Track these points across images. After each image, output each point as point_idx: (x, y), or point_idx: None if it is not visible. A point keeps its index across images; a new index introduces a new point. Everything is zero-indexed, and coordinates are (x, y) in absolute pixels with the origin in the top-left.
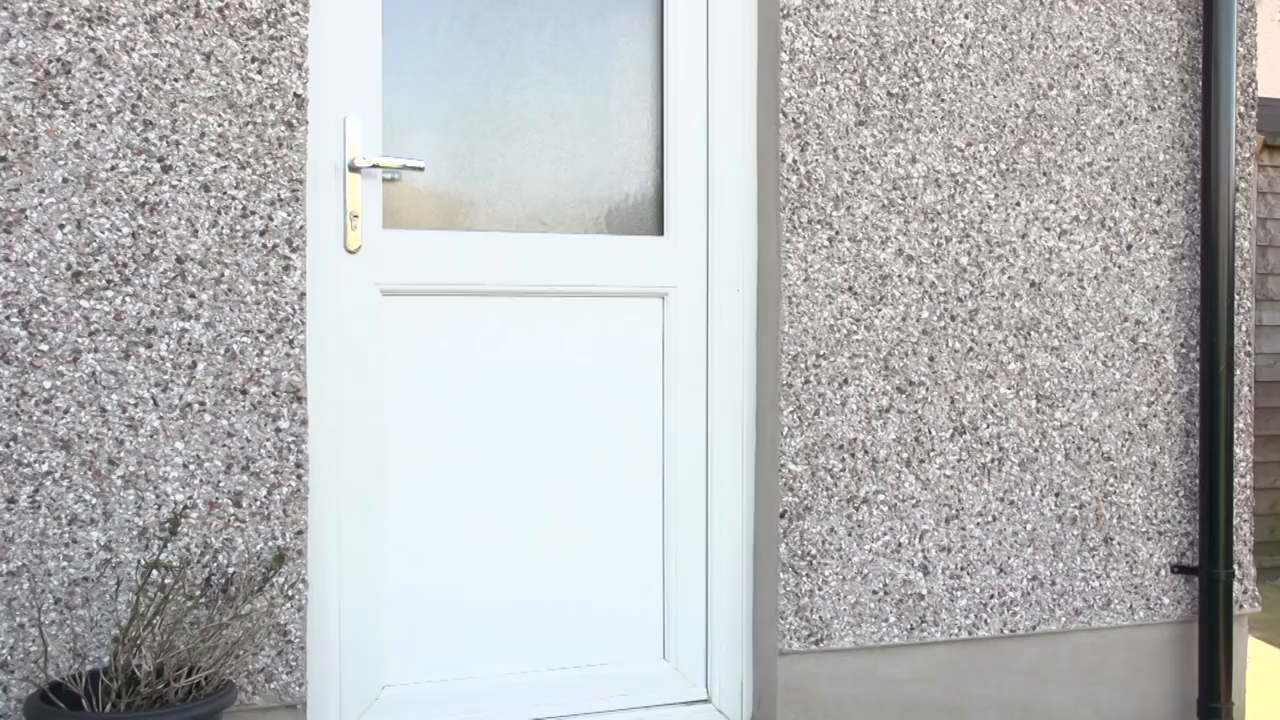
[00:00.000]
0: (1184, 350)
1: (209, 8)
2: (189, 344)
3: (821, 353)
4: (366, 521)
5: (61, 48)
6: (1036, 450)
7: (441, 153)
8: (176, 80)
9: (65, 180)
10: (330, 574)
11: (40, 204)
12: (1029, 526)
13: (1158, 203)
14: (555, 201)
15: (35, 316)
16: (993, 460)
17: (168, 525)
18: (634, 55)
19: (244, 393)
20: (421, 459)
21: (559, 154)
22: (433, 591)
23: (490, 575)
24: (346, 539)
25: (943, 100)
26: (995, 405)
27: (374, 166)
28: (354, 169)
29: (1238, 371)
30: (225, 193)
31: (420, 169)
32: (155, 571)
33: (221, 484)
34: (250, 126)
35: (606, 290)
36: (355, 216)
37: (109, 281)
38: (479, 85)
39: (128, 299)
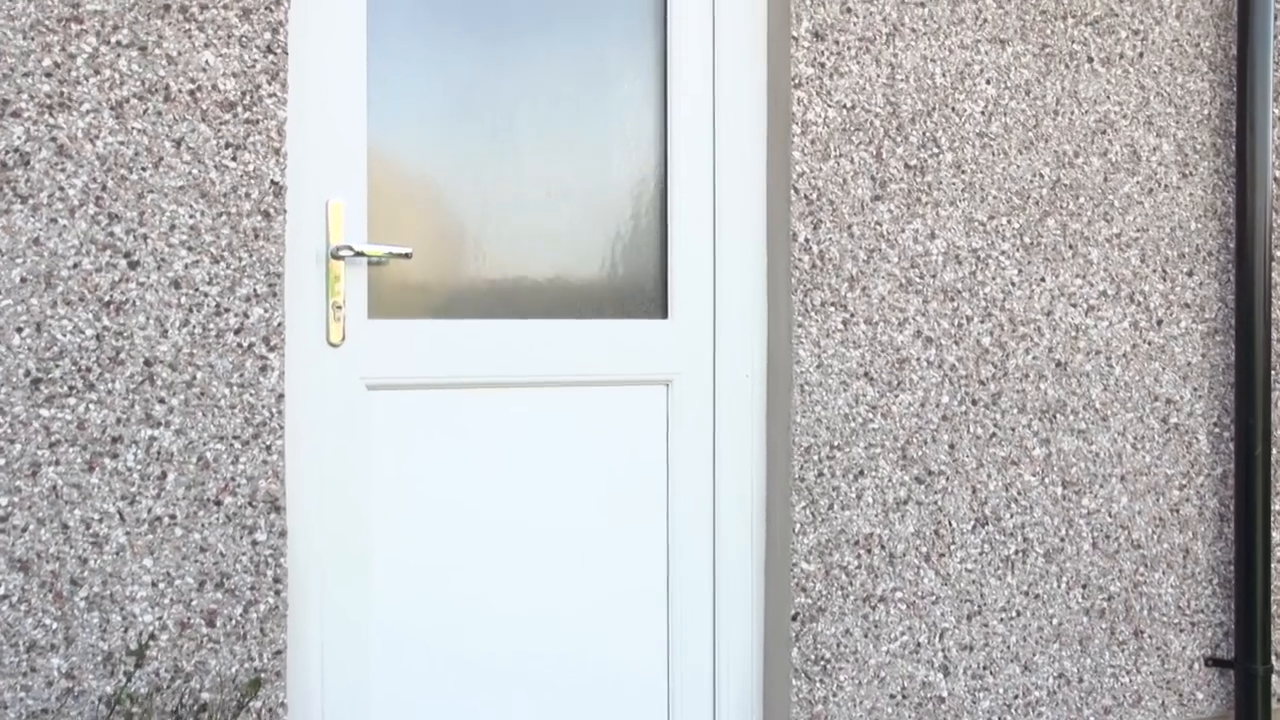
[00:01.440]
0: (1217, 430)
1: (179, 91)
2: (158, 453)
3: (836, 443)
4: (352, 638)
5: (19, 137)
6: (1063, 540)
7: (431, 235)
8: (144, 169)
9: (23, 280)
10: (313, 696)
11: None
12: (1055, 621)
13: (1189, 274)
14: (552, 284)
15: None
16: (1016, 552)
17: (134, 653)
18: (637, 127)
19: (218, 504)
20: (411, 569)
21: (556, 233)
22: (422, 711)
23: (484, 695)
24: (330, 658)
25: (963, 171)
26: (1019, 494)
27: (358, 254)
28: (337, 256)
29: (1275, 451)
30: (197, 289)
31: (408, 255)
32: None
33: (193, 603)
34: (224, 217)
35: (607, 379)
36: (338, 307)
37: (71, 388)
38: (471, 162)
39: (91, 406)
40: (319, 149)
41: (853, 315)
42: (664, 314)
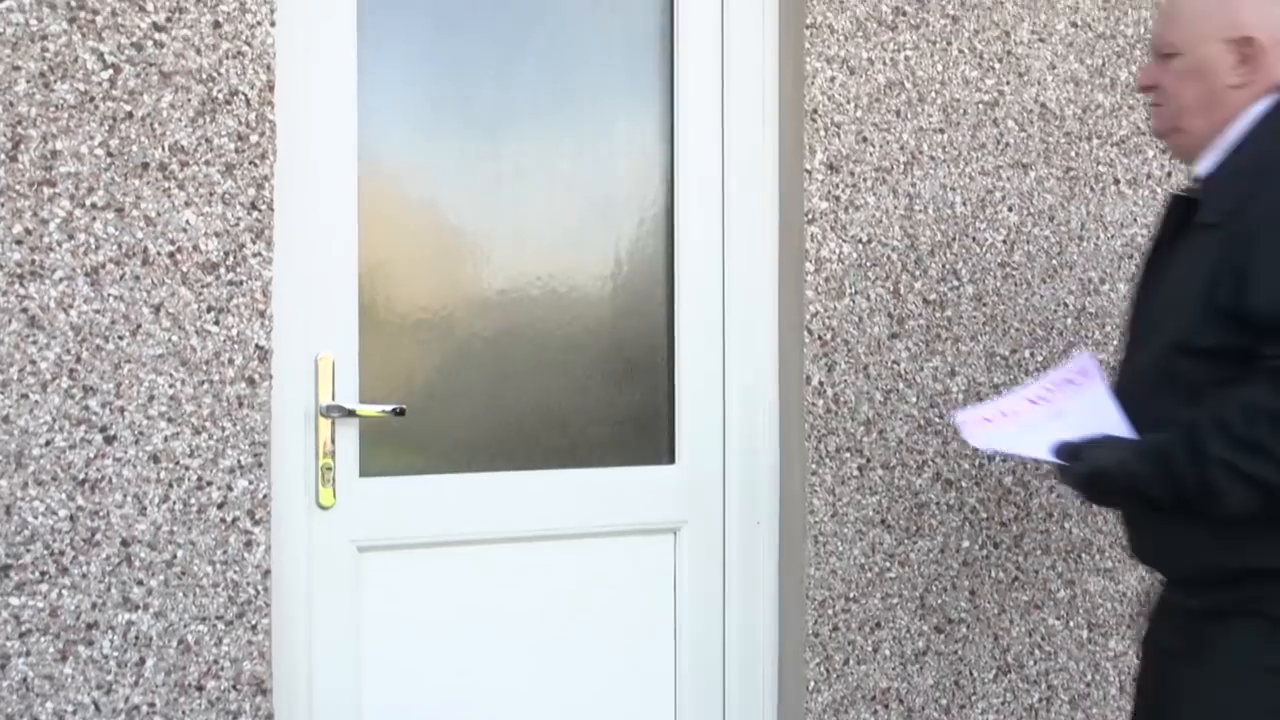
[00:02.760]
0: None
1: (158, 254)
2: (136, 638)
3: (851, 595)
4: None
5: None
6: (1089, 685)
7: (426, 385)
8: (121, 338)
9: None
10: None
11: None
12: None
13: None
14: (554, 431)
15: None
16: (1040, 700)
17: None
18: (643, 263)
19: (200, 689)
20: None
21: (558, 378)
22: None
23: None
24: None
25: (984, 304)
26: (1043, 639)
27: (350, 414)
28: (327, 415)
29: None
30: (177, 462)
31: (402, 412)
32: None
33: None
34: (206, 385)
35: (611, 529)
36: (329, 469)
37: (43, 574)
38: (467, 310)
39: (65, 592)
40: (308, 307)
41: (869, 460)
42: (671, 459)
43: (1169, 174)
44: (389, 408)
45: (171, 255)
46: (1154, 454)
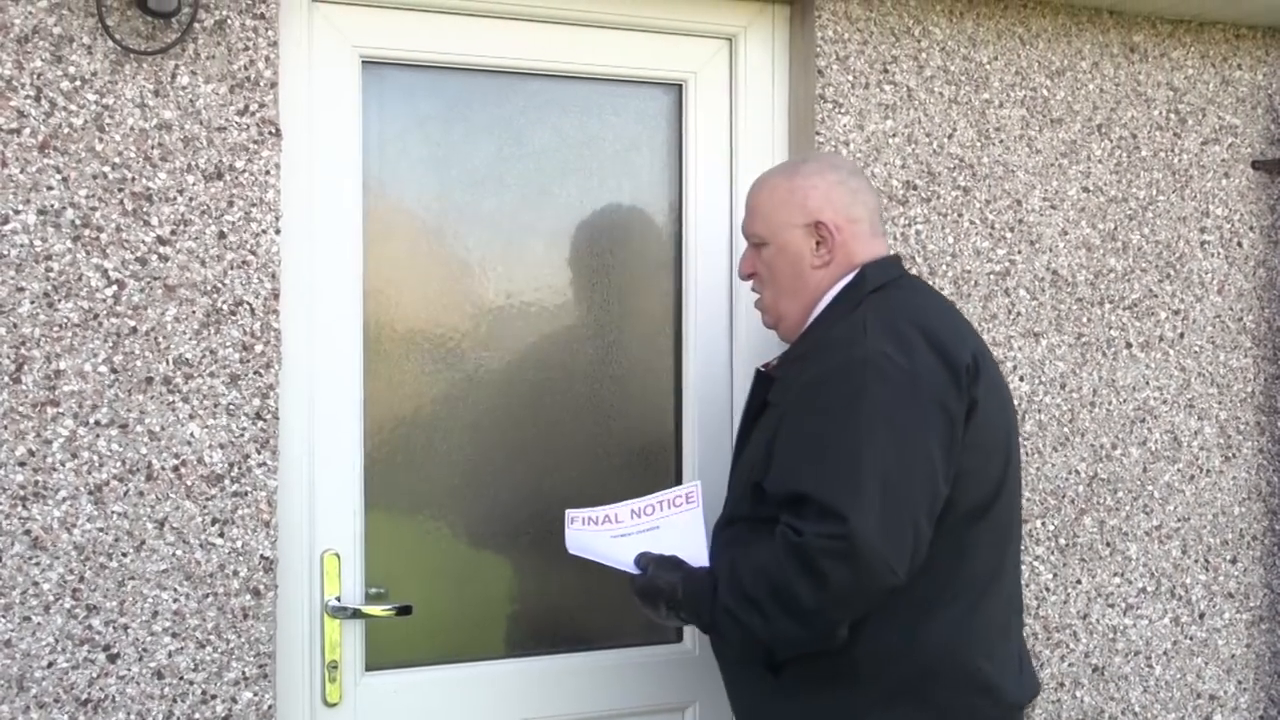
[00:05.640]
0: None
1: (162, 468)
2: None
3: None
4: None
5: None
6: None
7: (431, 577)
8: (125, 555)
9: None
10: None
11: None
12: None
13: (1232, 562)
14: (556, 616)
15: None
16: None
17: None
18: (656, 437)
19: None
20: None
21: (559, 564)
22: None
23: None
24: None
25: None
26: None
27: (355, 615)
28: (334, 615)
29: None
30: (181, 678)
31: (409, 610)
32: None
33: None
34: (210, 598)
35: (621, 711)
36: (334, 666)
37: None
38: (472, 510)
39: None
40: (312, 504)
41: None
42: (679, 637)
43: (1181, 335)
44: (395, 607)
45: (176, 469)
46: (691, 587)
